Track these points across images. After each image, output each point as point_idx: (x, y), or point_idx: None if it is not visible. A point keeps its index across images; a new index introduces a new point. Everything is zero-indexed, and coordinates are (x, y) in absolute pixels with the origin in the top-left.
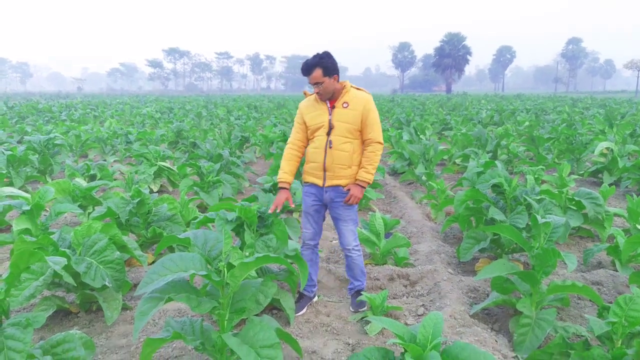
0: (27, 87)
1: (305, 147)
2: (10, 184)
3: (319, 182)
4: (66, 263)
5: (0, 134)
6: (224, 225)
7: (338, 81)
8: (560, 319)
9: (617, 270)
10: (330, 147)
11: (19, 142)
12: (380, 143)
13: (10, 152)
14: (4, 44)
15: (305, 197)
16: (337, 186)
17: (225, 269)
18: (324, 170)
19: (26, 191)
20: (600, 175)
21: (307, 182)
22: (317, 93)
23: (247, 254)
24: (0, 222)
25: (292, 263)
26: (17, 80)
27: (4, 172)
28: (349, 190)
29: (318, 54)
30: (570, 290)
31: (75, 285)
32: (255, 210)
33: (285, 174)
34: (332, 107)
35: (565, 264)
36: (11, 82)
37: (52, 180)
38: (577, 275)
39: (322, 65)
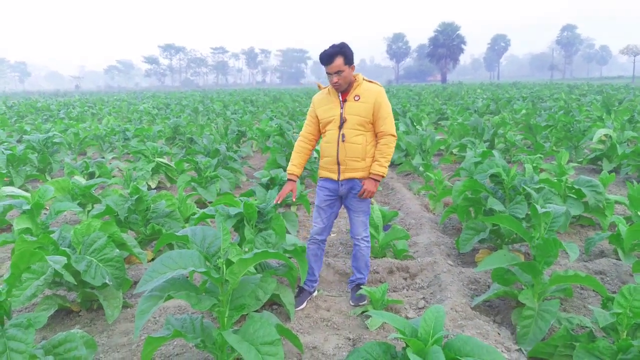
0: (26, 86)
1: (317, 141)
2: (11, 183)
3: (334, 176)
4: (66, 262)
5: (0, 133)
6: (224, 221)
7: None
8: (564, 310)
9: (620, 259)
10: (343, 141)
11: (19, 141)
12: (393, 135)
13: (10, 152)
14: (1, 44)
15: (319, 192)
16: (352, 179)
17: (224, 266)
18: (338, 164)
19: (26, 190)
20: (599, 163)
21: (322, 177)
22: (335, 83)
23: (246, 249)
24: (1, 222)
25: (290, 258)
26: (15, 79)
27: (4, 171)
28: (364, 184)
29: (335, 44)
30: (572, 280)
31: (76, 284)
32: (256, 206)
33: (293, 167)
34: (344, 100)
35: (567, 253)
36: (10, 81)
37: (51, 178)
38: (580, 264)
39: (344, 54)
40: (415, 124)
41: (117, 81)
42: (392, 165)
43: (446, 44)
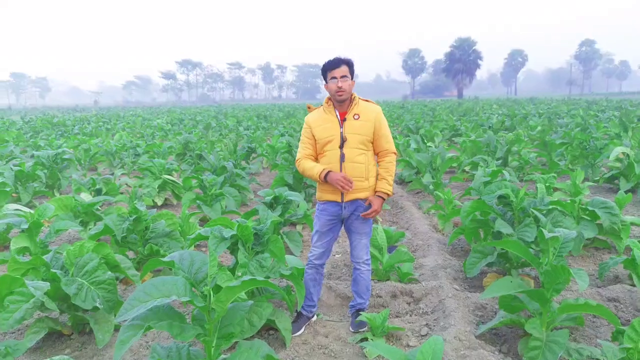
0: (46, 102)
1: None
2: (18, 200)
3: (337, 198)
4: (49, 288)
5: (14, 148)
6: (217, 244)
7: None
8: (574, 340)
9: (635, 285)
10: (344, 161)
11: (32, 156)
12: (395, 153)
13: (18, 168)
14: (22, 60)
15: (319, 216)
16: (357, 200)
17: (211, 293)
18: None
19: (33, 207)
20: (616, 182)
21: (323, 200)
22: (339, 87)
23: (239, 274)
24: (4, 240)
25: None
26: (36, 94)
27: (8, 189)
28: (369, 204)
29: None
30: (583, 309)
31: (59, 310)
32: (252, 228)
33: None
34: (343, 119)
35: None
36: (30, 96)
37: (60, 194)
38: (593, 290)
39: (349, 65)
40: (425, 141)
41: (135, 96)
42: (403, 183)
43: (462, 59)
